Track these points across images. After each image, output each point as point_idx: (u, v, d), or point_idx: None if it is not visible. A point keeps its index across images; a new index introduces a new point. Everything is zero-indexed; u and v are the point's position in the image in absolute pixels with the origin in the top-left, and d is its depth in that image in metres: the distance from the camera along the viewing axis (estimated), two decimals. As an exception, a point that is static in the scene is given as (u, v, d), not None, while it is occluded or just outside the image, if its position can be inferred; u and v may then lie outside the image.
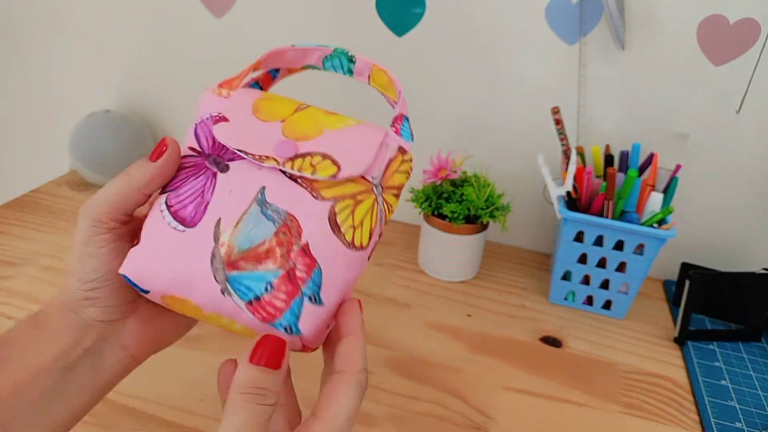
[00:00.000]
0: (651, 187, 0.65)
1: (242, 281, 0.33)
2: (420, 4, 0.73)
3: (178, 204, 0.34)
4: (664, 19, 0.67)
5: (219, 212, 0.34)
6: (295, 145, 0.35)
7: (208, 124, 0.36)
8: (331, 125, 0.37)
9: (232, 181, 0.35)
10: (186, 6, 0.81)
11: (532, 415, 0.54)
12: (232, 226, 0.33)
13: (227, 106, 0.37)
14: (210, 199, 0.34)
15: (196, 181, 0.35)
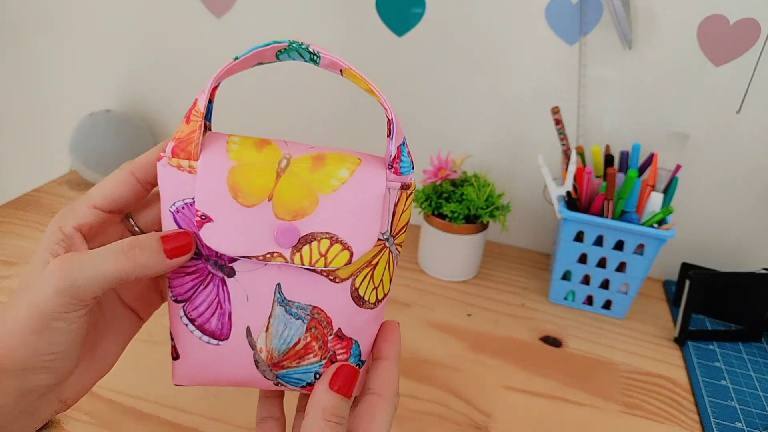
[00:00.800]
0: (651, 187, 0.65)
1: (291, 376, 0.35)
2: (420, 3, 0.73)
3: (199, 318, 0.34)
4: (664, 19, 0.67)
5: (245, 321, 0.33)
6: (294, 228, 0.32)
7: (188, 216, 0.32)
8: (323, 186, 0.32)
9: (244, 285, 0.33)
10: (186, 6, 0.81)
11: (532, 415, 0.54)
12: (263, 332, 0.33)
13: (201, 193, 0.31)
14: (230, 308, 0.33)
15: (207, 290, 0.33)
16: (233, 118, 0.86)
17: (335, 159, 0.33)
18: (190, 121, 0.32)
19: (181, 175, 0.31)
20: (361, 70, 0.34)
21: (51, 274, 0.29)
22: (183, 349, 0.34)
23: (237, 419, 0.49)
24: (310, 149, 0.33)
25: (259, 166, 0.31)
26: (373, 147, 0.83)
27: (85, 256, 0.30)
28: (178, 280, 0.33)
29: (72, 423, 0.47)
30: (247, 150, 0.32)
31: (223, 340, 0.34)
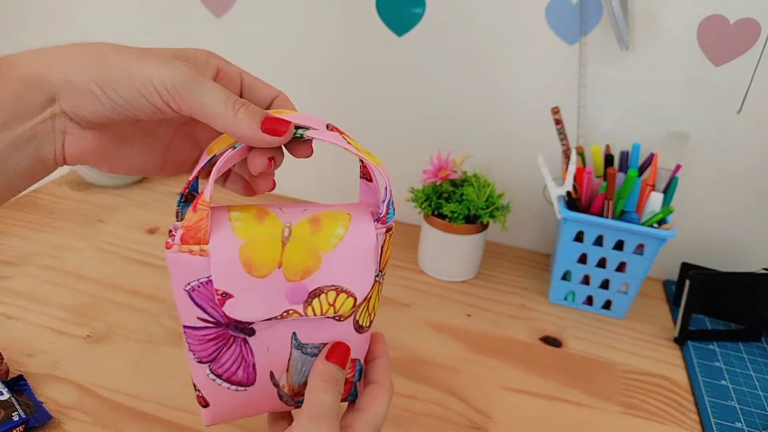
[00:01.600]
0: (651, 187, 0.65)
1: None
2: (420, 3, 0.73)
3: (226, 373, 0.37)
4: (664, 19, 0.67)
5: (268, 367, 0.38)
6: (304, 286, 0.35)
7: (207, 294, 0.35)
8: (324, 246, 0.35)
9: (263, 339, 0.37)
10: (186, 5, 0.81)
11: (532, 415, 0.54)
12: (285, 372, 0.38)
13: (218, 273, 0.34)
14: (253, 360, 0.37)
15: (231, 350, 0.37)
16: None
17: (329, 218, 0.36)
18: (198, 210, 0.33)
19: (193, 259, 0.34)
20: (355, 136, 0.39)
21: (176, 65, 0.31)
22: (212, 398, 0.38)
23: (236, 419, 0.49)
24: (304, 212, 0.36)
25: (266, 239, 0.34)
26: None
27: (207, 81, 0.32)
28: (200, 346, 0.36)
29: (72, 423, 0.47)
30: (250, 225, 0.35)
31: (250, 385, 0.38)
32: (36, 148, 0.31)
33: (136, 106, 0.31)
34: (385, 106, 0.81)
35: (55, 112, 0.31)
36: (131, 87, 0.30)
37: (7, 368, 0.51)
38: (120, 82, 0.30)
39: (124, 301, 0.63)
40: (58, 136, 0.32)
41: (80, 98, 0.31)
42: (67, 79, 0.30)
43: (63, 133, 0.32)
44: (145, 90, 0.31)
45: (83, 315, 0.60)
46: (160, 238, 0.75)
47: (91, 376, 0.52)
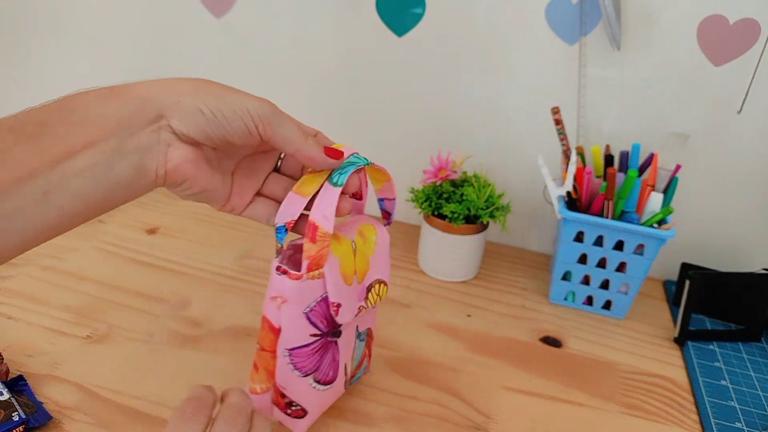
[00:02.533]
0: (651, 187, 0.65)
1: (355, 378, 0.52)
2: (420, 4, 0.73)
3: (325, 377, 0.45)
4: (664, 20, 0.67)
5: (344, 361, 0.47)
6: (364, 285, 0.46)
7: (321, 311, 0.42)
8: (369, 251, 0.46)
9: (344, 338, 0.46)
10: (186, 6, 0.81)
11: (532, 415, 0.54)
12: (350, 361, 0.49)
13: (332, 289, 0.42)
14: (338, 357, 0.46)
15: (328, 355, 0.45)
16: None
17: (366, 230, 0.46)
18: (317, 241, 0.40)
19: (315, 283, 0.41)
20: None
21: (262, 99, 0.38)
22: (311, 405, 0.45)
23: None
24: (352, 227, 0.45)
25: (347, 255, 0.43)
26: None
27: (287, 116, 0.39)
28: (307, 360, 0.43)
29: (72, 423, 0.47)
30: (336, 246, 0.42)
31: (334, 381, 0.46)
32: (141, 158, 0.35)
33: (233, 127, 0.37)
34: (385, 106, 0.81)
35: (161, 126, 0.35)
36: (233, 111, 0.36)
37: (7, 368, 0.51)
38: (223, 107, 0.36)
39: (124, 301, 0.63)
40: (162, 147, 0.36)
41: (187, 116, 0.36)
42: (176, 101, 0.35)
43: (167, 145, 0.36)
44: (243, 114, 0.37)
45: (83, 315, 0.60)
46: (160, 238, 0.75)
47: (92, 377, 0.52)
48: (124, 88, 0.36)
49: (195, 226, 0.79)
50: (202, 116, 0.36)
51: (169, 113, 0.35)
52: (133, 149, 0.34)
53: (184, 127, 0.36)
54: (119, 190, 0.35)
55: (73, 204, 0.33)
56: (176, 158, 0.36)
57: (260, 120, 0.37)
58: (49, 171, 0.32)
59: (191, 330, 0.60)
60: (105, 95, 0.35)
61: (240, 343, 0.58)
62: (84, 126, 0.33)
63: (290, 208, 0.40)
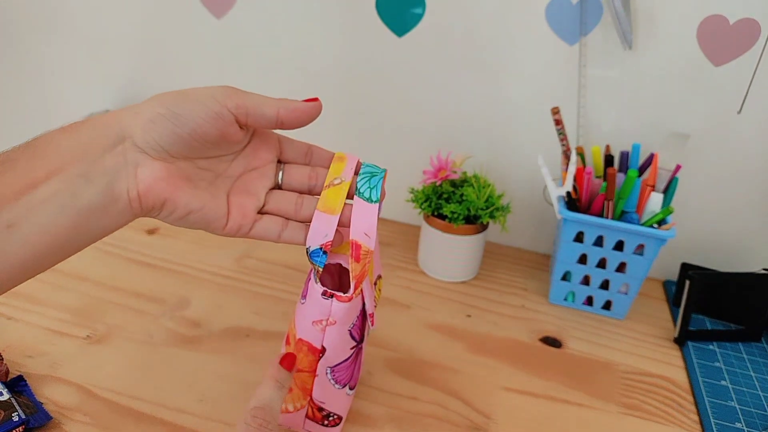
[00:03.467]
0: (651, 187, 0.65)
1: None
2: (420, 4, 0.73)
3: (355, 382, 0.47)
4: (663, 20, 0.67)
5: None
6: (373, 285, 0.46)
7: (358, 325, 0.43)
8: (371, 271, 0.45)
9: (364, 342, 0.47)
10: (186, 6, 0.81)
11: (532, 416, 0.54)
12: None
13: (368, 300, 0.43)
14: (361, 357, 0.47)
15: (358, 360, 0.46)
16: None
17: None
18: (360, 260, 0.39)
19: (358, 299, 0.41)
20: None
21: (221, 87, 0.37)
22: (345, 411, 0.47)
23: (235, 419, 0.49)
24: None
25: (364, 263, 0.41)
26: (371, 146, 0.83)
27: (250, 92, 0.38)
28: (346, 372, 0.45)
29: (72, 424, 0.47)
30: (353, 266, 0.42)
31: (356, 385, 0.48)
32: (109, 182, 0.34)
33: (200, 116, 0.35)
34: (385, 107, 0.81)
35: (126, 148, 0.35)
36: (195, 101, 0.35)
37: (7, 369, 0.51)
38: (184, 101, 0.35)
39: (124, 302, 0.63)
40: (130, 170, 0.35)
41: (149, 124, 0.35)
42: (134, 115, 0.35)
43: (135, 166, 0.35)
44: (206, 100, 0.36)
45: (83, 316, 0.60)
46: (160, 238, 0.75)
47: (91, 377, 0.52)
48: (86, 120, 0.35)
49: (195, 226, 0.79)
50: (163, 118, 0.35)
51: (131, 130, 0.35)
52: (99, 174, 0.34)
53: (149, 138, 0.35)
54: (90, 217, 0.34)
55: (40, 236, 0.32)
56: (147, 177, 0.35)
57: (227, 97, 0.36)
58: (13, 203, 0.32)
59: (191, 330, 0.60)
60: (67, 129, 0.35)
61: (239, 344, 0.58)
62: (45, 158, 0.33)
63: (322, 227, 0.39)
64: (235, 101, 0.37)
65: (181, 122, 0.35)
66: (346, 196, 0.40)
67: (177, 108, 0.35)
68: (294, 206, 0.42)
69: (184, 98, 0.36)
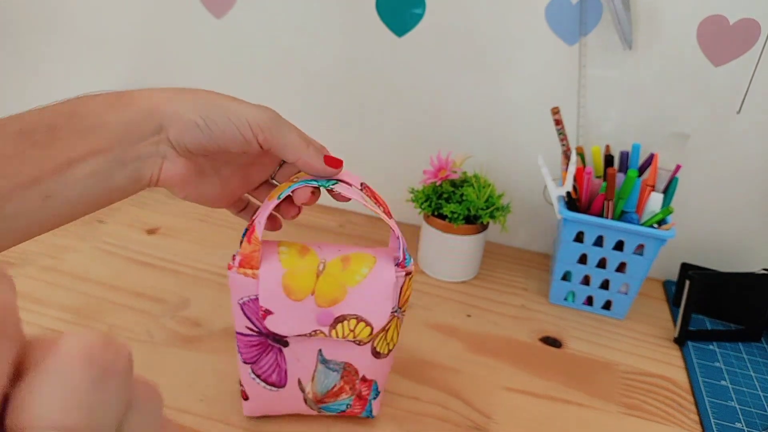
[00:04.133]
0: (651, 187, 0.65)
1: (330, 407, 0.48)
2: (420, 4, 0.73)
3: (264, 374, 0.46)
4: (663, 20, 0.67)
5: (297, 375, 0.46)
6: (331, 312, 0.43)
7: (254, 309, 0.43)
8: (350, 281, 0.42)
9: (295, 351, 0.45)
10: (186, 6, 0.81)
11: (532, 416, 0.54)
12: (310, 382, 0.46)
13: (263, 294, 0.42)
14: (285, 367, 0.46)
15: (268, 356, 0.45)
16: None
17: (358, 259, 0.43)
18: (251, 243, 0.41)
19: (246, 279, 0.42)
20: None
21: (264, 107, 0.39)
22: (251, 394, 0.47)
23: (236, 419, 0.49)
24: (339, 251, 0.44)
25: (304, 271, 0.42)
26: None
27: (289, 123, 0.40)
28: (246, 350, 0.45)
29: (72, 424, 0.47)
30: (293, 258, 0.43)
31: (281, 387, 0.46)
32: (138, 167, 0.37)
33: (229, 138, 0.38)
34: (385, 107, 0.81)
35: (161, 139, 0.37)
36: (228, 122, 0.37)
37: (7, 369, 0.50)
38: (220, 117, 0.37)
39: (124, 301, 0.63)
40: (158, 160, 0.38)
41: (184, 128, 0.37)
42: (175, 112, 0.37)
43: (163, 158, 0.38)
44: (240, 124, 0.38)
45: (83, 316, 0.60)
46: (160, 238, 0.75)
47: (92, 377, 0.52)
48: (129, 96, 0.37)
49: (195, 226, 0.79)
50: (197, 129, 0.37)
51: (168, 125, 0.37)
52: (132, 159, 0.36)
53: (181, 139, 0.37)
54: (114, 194, 0.37)
55: (70, 208, 0.35)
56: (169, 170, 0.38)
57: (260, 129, 0.38)
58: (53, 177, 0.33)
59: (191, 330, 0.60)
60: (112, 103, 0.36)
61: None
62: (90, 133, 0.34)
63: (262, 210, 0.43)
64: (265, 136, 0.38)
65: (212, 138, 0.38)
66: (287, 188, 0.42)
67: (212, 124, 0.37)
68: None
69: (221, 113, 0.37)
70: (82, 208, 0.36)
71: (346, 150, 0.85)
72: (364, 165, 0.85)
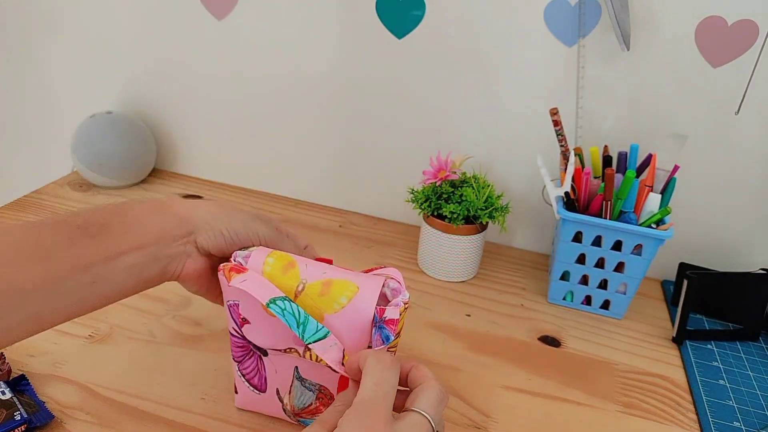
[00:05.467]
0: (649, 187, 0.65)
1: (308, 421, 0.48)
2: (420, 6, 0.73)
3: (247, 375, 0.48)
4: (662, 21, 0.67)
5: (275, 384, 0.47)
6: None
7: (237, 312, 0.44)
8: (328, 308, 0.41)
9: (273, 362, 0.46)
10: (187, 8, 0.81)
11: (531, 415, 0.54)
12: (287, 394, 0.47)
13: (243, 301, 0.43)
14: (265, 374, 0.47)
15: (251, 360, 0.47)
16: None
17: (339, 286, 0.42)
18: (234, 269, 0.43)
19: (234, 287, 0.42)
20: None
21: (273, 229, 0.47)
22: (239, 389, 0.49)
23: (238, 418, 0.50)
24: (324, 274, 0.42)
25: (283, 288, 0.42)
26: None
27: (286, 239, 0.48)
28: (234, 348, 0.47)
29: (74, 423, 0.48)
30: (276, 272, 0.42)
31: (263, 392, 0.48)
32: (168, 263, 0.43)
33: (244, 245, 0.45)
34: (385, 108, 0.81)
35: (189, 241, 0.44)
36: (246, 235, 0.45)
37: (9, 368, 0.51)
38: (240, 230, 0.45)
39: (125, 301, 0.62)
40: (184, 258, 0.44)
41: (212, 236, 0.44)
42: (206, 222, 0.44)
43: (188, 256, 0.44)
44: (253, 237, 0.46)
45: (85, 315, 0.60)
46: (161, 238, 0.76)
47: (93, 376, 0.52)
48: (168, 206, 0.44)
49: (196, 226, 0.79)
50: (222, 237, 0.44)
51: (197, 232, 0.44)
52: (165, 256, 0.42)
53: (206, 244, 0.44)
54: (146, 284, 0.43)
55: (111, 293, 0.41)
56: (191, 267, 0.44)
57: (266, 242, 0.46)
58: (102, 265, 0.39)
59: (192, 329, 0.60)
60: (154, 209, 0.43)
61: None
62: (135, 231, 0.41)
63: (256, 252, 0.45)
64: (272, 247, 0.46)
65: (230, 246, 0.45)
66: None
67: (233, 234, 0.45)
68: None
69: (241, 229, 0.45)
70: (118, 294, 0.42)
71: (347, 151, 0.86)
72: (364, 165, 0.86)
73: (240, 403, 0.50)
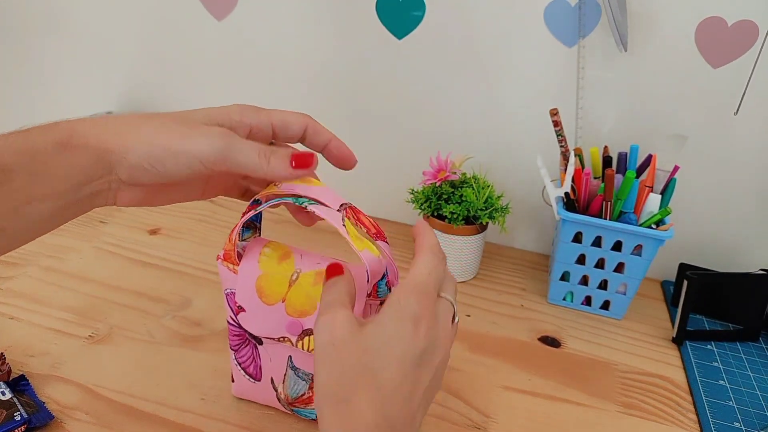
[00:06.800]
0: (649, 188, 0.65)
1: (302, 411, 0.48)
2: (420, 6, 0.73)
3: (243, 363, 0.48)
4: (662, 21, 0.67)
5: (270, 373, 0.48)
6: (299, 323, 0.43)
7: (233, 304, 0.45)
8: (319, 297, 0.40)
9: (268, 351, 0.47)
10: (187, 8, 0.81)
11: (531, 415, 0.54)
12: (281, 383, 0.48)
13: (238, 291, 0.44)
14: (260, 363, 0.48)
15: (246, 348, 0.48)
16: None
17: None
18: (230, 241, 0.44)
19: (229, 273, 0.44)
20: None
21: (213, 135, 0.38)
22: (235, 378, 0.50)
23: (238, 418, 0.50)
24: (318, 264, 0.43)
25: (278, 276, 0.43)
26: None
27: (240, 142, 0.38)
28: (231, 337, 0.48)
29: (74, 423, 0.48)
30: (271, 261, 0.43)
31: (258, 381, 0.49)
32: (92, 201, 0.38)
33: (179, 175, 0.38)
34: (385, 108, 0.81)
35: (111, 179, 0.38)
36: (175, 162, 0.37)
37: (9, 369, 0.51)
38: (165, 159, 0.37)
39: (125, 301, 0.63)
40: (110, 193, 0.39)
41: (133, 170, 0.38)
42: (123, 156, 0.37)
43: (116, 191, 0.39)
44: (189, 164, 0.37)
45: (85, 316, 0.60)
46: (161, 238, 0.76)
47: (93, 377, 0.52)
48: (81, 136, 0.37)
49: (196, 226, 0.80)
50: (145, 171, 0.37)
51: (117, 168, 0.37)
52: (86, 195, 0.38)
53: (131, 179, 0.38)
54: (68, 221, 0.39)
55: (26, 234, 0.37)
56: (124, 198, 0.40)
57: (212, 163, 0.37)
58: (10, 214, 0.35)
59: (192, 330, 0.60)
60: (64, 145, 0.36)
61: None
62: (43, 180, 0.36)
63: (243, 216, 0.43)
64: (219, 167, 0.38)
65: (162, 176, 0.38)
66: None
67: (160, 166, 0.37)
68: None
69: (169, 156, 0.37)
70: (38, 232, 0.38)
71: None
72: (364, 166, 0.86)
73: (236, 392, 0.51)
